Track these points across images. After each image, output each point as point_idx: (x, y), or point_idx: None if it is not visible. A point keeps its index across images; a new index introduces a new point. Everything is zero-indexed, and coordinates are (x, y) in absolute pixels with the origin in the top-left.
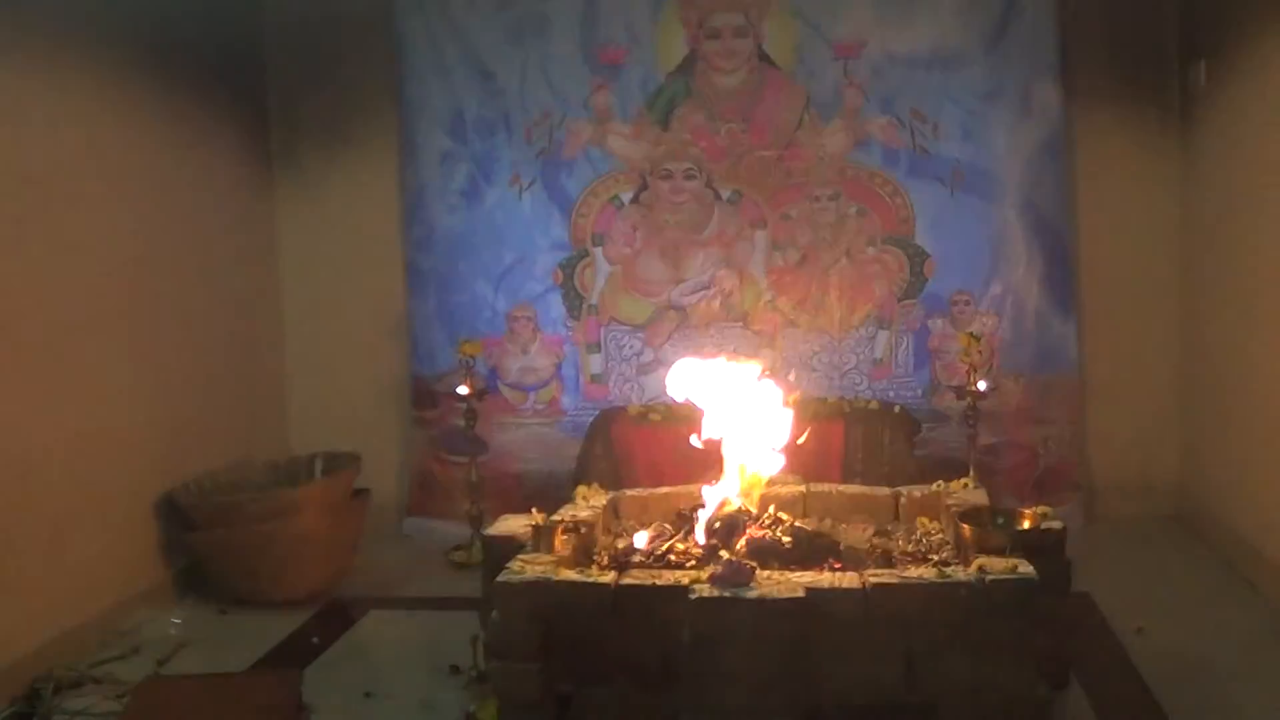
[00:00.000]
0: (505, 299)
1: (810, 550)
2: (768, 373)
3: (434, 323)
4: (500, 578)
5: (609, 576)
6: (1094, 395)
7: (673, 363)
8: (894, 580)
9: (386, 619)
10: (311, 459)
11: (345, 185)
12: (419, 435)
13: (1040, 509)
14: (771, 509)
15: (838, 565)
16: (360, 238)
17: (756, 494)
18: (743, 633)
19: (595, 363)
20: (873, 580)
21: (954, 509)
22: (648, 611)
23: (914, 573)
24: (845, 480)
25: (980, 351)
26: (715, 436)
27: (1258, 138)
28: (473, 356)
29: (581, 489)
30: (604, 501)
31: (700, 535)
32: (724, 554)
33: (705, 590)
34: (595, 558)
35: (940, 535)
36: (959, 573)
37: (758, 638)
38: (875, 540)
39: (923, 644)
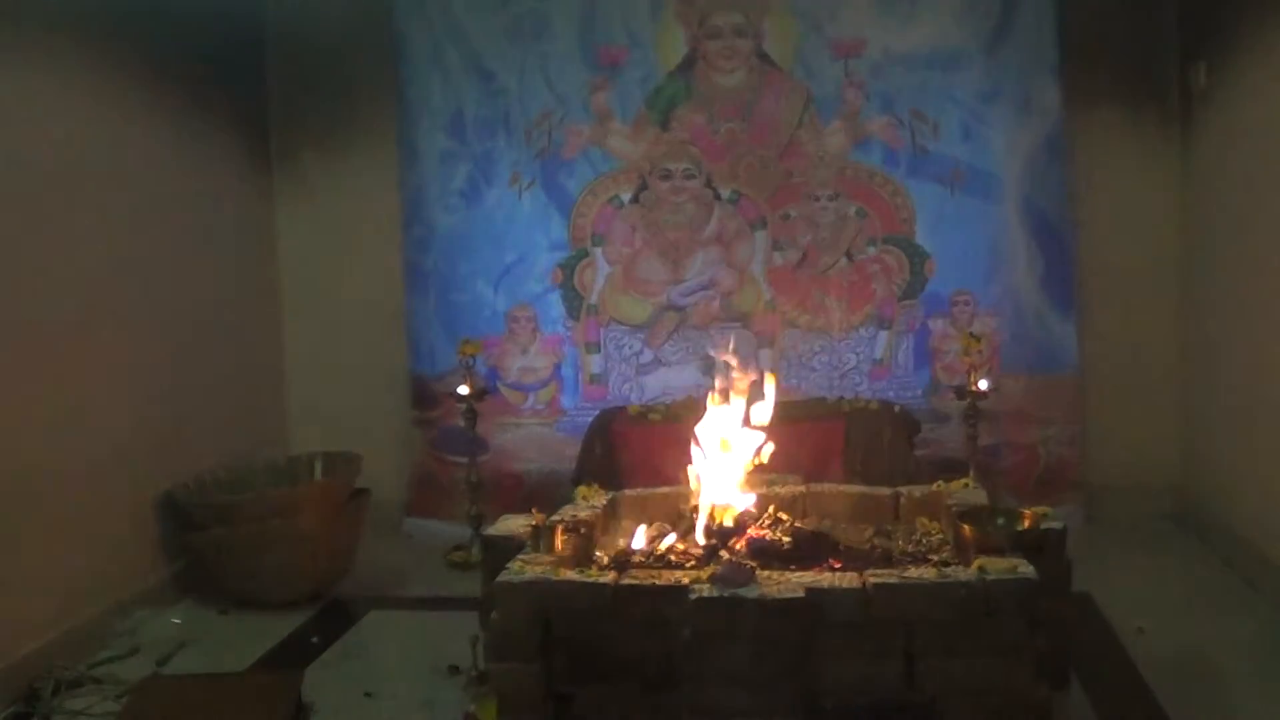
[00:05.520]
0: (505, 299)
1: (810, 550)
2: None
3: (434, 323)
4: (500, 578)
5: (609, 576)
6: (1094, 395)
7: (672, 363)
8: (894, 580)
9: (386, 619)
10: (311, 459)
11: (345, 185)
12: (419, 435)
13: (1040, 509)
14: (771, 509)
15: (838, 565)
16: (360, 238)
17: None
18: (743, 633)
19: (595, 363)
20: (873, 580)
21: (954, 509)
22: (648, 611)
23: (914, 573)
24: (845, 480)
25: (980, 351)
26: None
27: (1258, 138)
28: (473, 356)
29: (581, 489)
30: (604, 501)
31: (700, 535)
32: (724, 554)
33: (705, 590)
34: (595, 558)
35: (940, 535)
36: (959, 573)
37: (758, 638)
38: (875, 540)
39: (923, 644)
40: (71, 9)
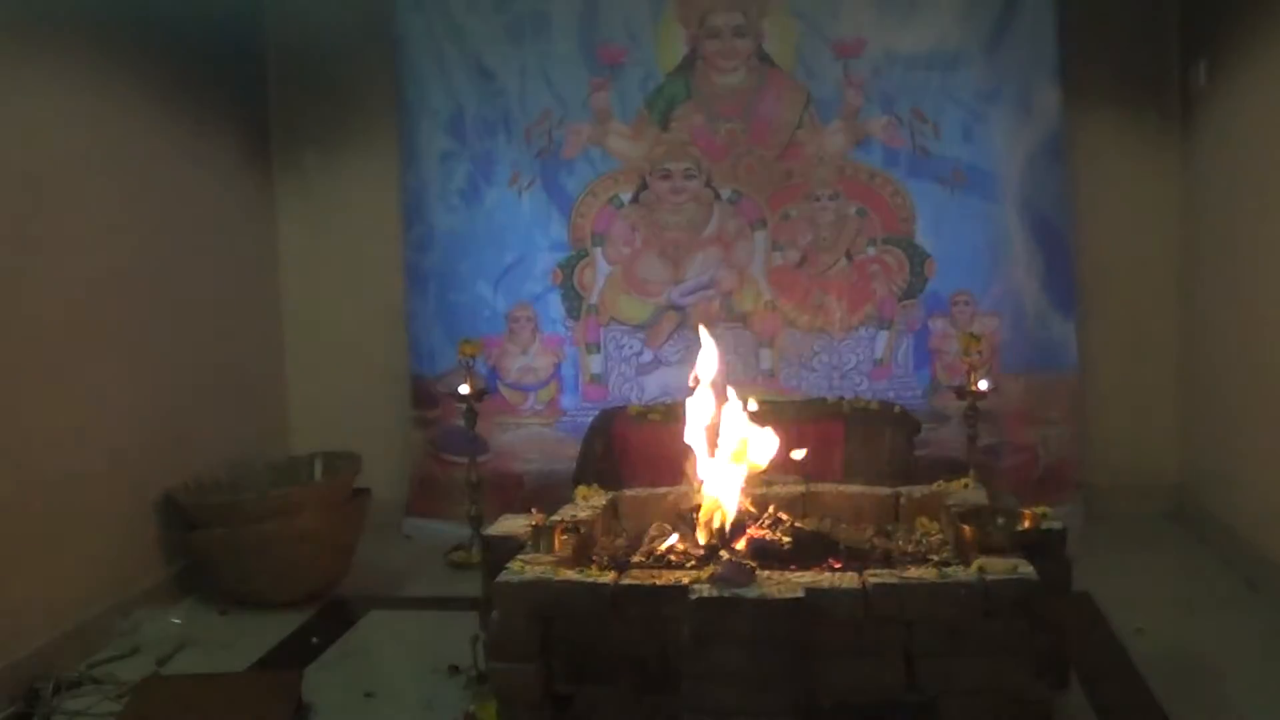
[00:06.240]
0: (505, 299)
1: (810, 550)
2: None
3: (434, 323)
4: (500, 578)
5: (609, 576)
6: (1094, 395)
7: (672, 363)
8: (894, 580)
9: (386, 619)
10: (311, 459)
11: (345, 185)
12: (419, 435)
13: (1040, 509)
14: (771, 509)
15: (838, 565)
16: (360, 238)
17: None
18: (743, 633)
19: (595, 363)
20: (873, 580)
21: (954, 509)
22: (648, 611)
23: (914, 573)
24: (845, 480)
25: (980, 351)
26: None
27: (1258, 138)
28: (473, 356)
29: (581, 489)
30: (604, 501)
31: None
32: (724, 554)
33: (705, 590)
34: (595, 558)
35: (940, 535)
36: (959, 573)
37: (758, 638)
38: (875, 540)
39: (923, 644)
40: (70, 10)
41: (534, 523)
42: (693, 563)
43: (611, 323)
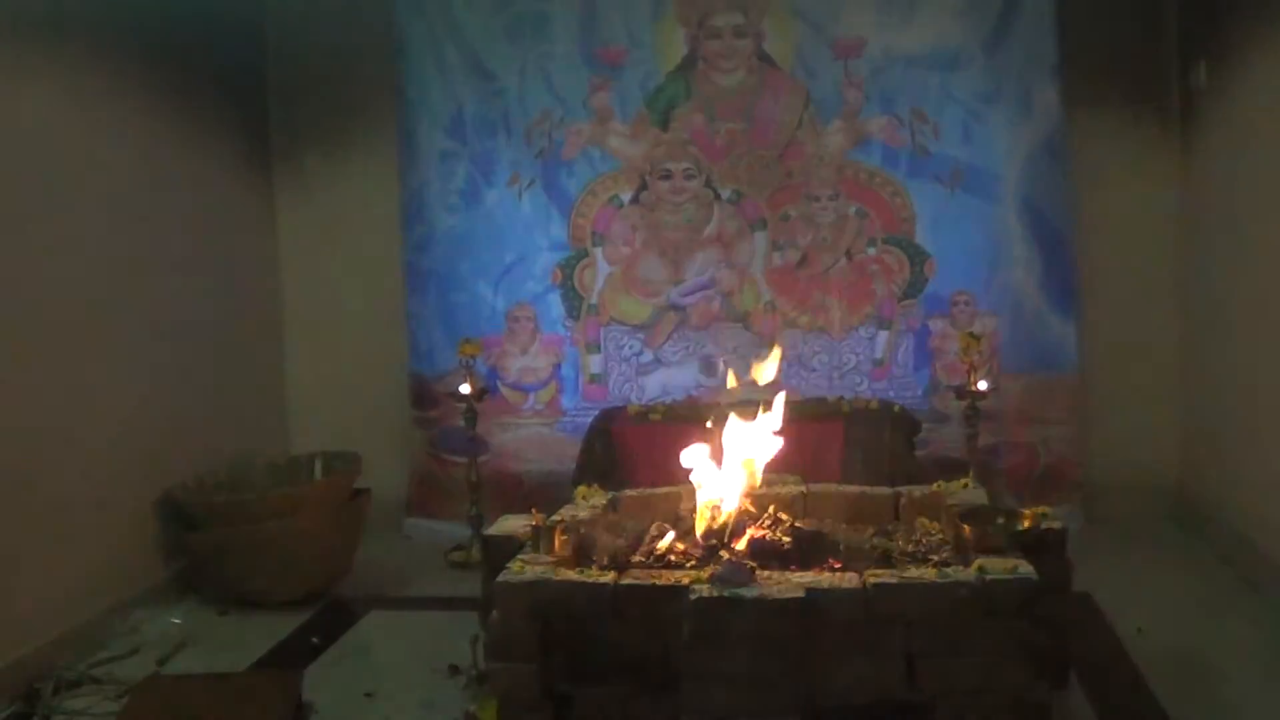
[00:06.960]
0: (505, 299)
1: (810, 550)
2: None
3: (434, 323)
4: (500, 578)
5: (609, 576)
6: (1094, 395)
7: (672, 363)
8: (894, 580)
9: (386, 619)
10: (311, 459)
11: (345, 185)
12: (419, 435)
13: (1040, 509)
14: (771, 509)
15: (838, 565)
16: (360, 238)
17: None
18: (743, 633)
19: (595, 363)
20: (873, 580)
21: (954, 509)
22: (648, 611)
23: (914, 573)
24: (845, 480)
25: (980, 351)
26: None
27: (1258, 138)
28: (473, 356)
29: (581, 489)
30: (604, 501)
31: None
32: (724, 554)
33: (705, 590)
34: (595, 558)
35: (940, 535)
36: (959, 573)
37: (758, 638)
38: (875, 540)
39: (923, 644)
40: (70, 11)
41: (534, 523)
42: (693, 563)
43: (611, 323)
